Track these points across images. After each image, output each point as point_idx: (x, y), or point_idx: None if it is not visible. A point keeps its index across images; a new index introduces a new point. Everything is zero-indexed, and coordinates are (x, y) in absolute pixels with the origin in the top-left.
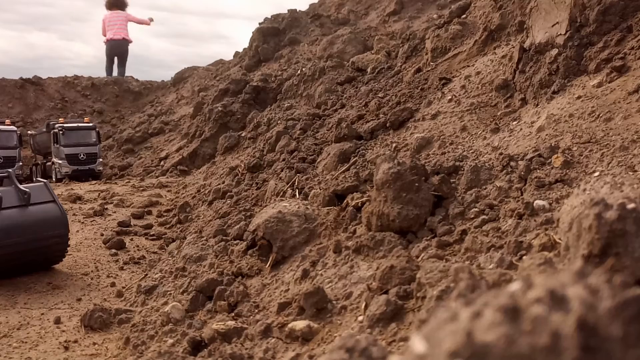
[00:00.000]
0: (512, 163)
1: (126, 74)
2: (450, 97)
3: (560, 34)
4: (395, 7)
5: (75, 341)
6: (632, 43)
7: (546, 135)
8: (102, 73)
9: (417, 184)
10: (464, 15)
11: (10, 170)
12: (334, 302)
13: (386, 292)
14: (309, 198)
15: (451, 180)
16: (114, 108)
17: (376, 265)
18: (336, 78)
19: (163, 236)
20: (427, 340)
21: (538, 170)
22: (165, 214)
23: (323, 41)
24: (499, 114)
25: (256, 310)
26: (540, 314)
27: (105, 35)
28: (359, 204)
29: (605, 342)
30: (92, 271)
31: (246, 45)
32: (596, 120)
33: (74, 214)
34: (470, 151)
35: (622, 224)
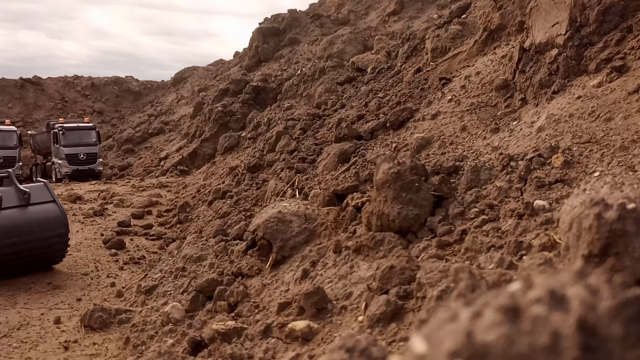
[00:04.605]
0: (512, 163)
1: (125, 74)
2: (450, 97)
3: (560, 34)
4: (395, 7)
5: (75, 341)
6: (632, 43)
7: (546, 135)
8: (98, 72)
9: (417, 184)
10: (464, 15)
11: (10, 170)
12: (334, 302)
13: (386, 292)
14: (309, 198)
15: (451, 180)
16: (114, 108)
17: (376, 265)
18: (336, 78)
19: (163, 236)
20: (427, 340)
21: (538, 170)
22: (165, 214)
23: (323, 41)
24: (499, 114)
25: (256, 310)
26: (540, 314)
27: None
28: (359, 204)
29: (605, 342)
30: (92, 271)
31: (239, 43)
32: (596, 120)
33: (74, 214)
34: (470, 151)
35: (622, 224)
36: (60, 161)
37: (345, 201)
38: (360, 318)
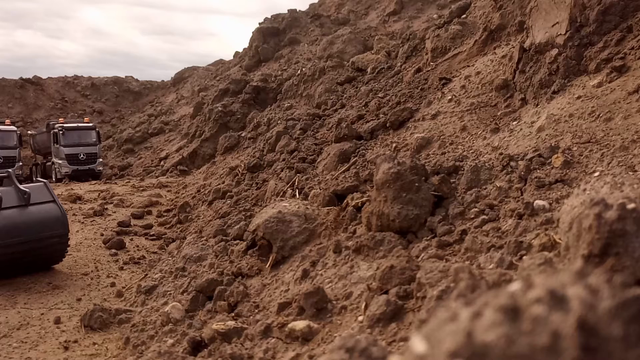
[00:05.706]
0: (512, 163)
1: (123, 74)
2: (450, 97)
3: (560, 34)
4: (395, 7)
5: (75, 341)
6: (632, 43)
7: (546, 135)
8: (95, 72)
9: (417, 184)
10: (464, 15)
11: (10, 170)
12: (334, 302)
13: (386, 292)
14: (309, 198)
15: (451, 180)
16: (114, 108)
17: (376, 265)
18: (336, 78)
19: (163, 236)
20: (427, 340)
21: (538, 170)
22: (165, 214)
23: (323, 41)
24: (499, 114)
25: (256, 310)
26: (540, 314)
27: None
28: (359, 204)
29: (605, 342)
30: (92, 271)
31: (237, 42)
32: (596, 120)
33: (74, 214)
34: (470, 151)
35: (622, 224)
36: (60, 161)
37: (345, 201)
38: (360, 318)
